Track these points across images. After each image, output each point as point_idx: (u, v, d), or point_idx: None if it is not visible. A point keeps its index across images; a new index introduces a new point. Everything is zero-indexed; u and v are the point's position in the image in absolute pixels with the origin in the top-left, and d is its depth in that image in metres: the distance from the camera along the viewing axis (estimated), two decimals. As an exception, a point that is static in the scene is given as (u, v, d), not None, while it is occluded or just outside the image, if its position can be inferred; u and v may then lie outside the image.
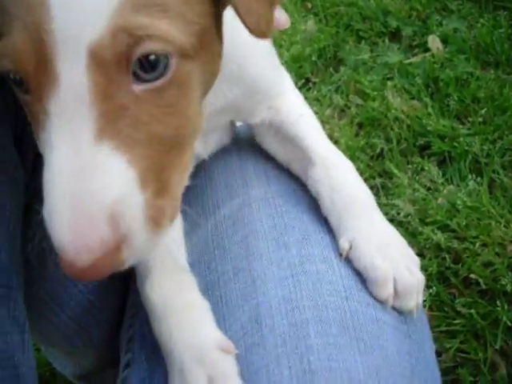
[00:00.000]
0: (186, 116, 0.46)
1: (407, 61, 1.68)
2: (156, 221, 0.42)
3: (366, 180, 1.36)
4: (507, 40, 1.58)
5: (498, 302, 1.13)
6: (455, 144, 1.40)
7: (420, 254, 1.20)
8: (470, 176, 1.34)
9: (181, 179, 0.47)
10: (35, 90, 0.41)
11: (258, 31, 0.46)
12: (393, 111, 1.52)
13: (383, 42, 1.77)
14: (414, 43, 1.75)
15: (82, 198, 0.39)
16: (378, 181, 1.43)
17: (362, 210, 0.67)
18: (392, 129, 1.50)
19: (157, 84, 0.42)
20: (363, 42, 1.80)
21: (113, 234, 0.39)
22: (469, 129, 1.44)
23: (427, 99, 1.53)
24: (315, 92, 1.68)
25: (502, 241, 1.22)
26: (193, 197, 0.79)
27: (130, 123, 0.41)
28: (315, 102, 1.64)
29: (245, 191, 0.75)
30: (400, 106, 1.54)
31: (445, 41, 1.69)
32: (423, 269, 0.84)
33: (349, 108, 1.61)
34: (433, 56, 1.65)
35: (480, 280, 1.17)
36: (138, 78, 0.41)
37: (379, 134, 1.52)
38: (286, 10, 1.84)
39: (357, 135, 1.53)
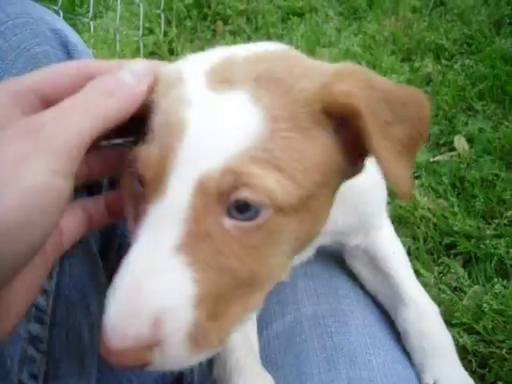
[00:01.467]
0: (266, 263, 0.48)
1: (434, 159, 1.72)
2: (197, 341, 0.44)
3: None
4: (531, 143, 1.62)
5: (524, 411, 1.13)
6: (481, 245, 1.42)
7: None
8: (495, 278, 1.35)
9: (240, 315, 0.48)
10: (147, 195, 0.48)
11: (403, 194, 0.49)
12: (420, 210, 1.56)
13: (411, 139, 1.83)
14: (441, 142, 1.80)
15: (138, 294, 0.43)
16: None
17: (445, 353, 0.73)
18: (419, 227, 1.54)
19: (247, 225, 0.45)
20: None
21: (149, 335, 0.42)
22: (495, 229, 1.46)
23: (453, 199, 1.56)
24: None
25: (529, 345, 1.23)
26: None
27: (211, 250, 0.45)
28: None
29: (296, 308, 0.80)
30: (427, 204, 1.58)
31: (471, 140, 1.74)
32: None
33: (377, 205, 1.65)
34: (459, 156, 1.69)
35: (507, 387, 1.17)
36: (232, 216, 0.46)
37: (406, 232, 1.55)
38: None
39: (385, 233, 1.57)
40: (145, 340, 0.42)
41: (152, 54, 2.64)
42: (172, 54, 2.61)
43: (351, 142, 0.50)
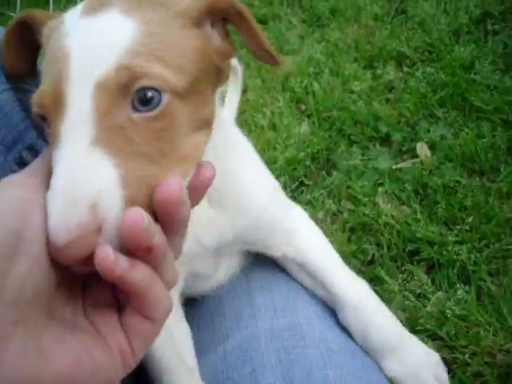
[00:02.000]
0: (172, 143, 0.53)
1: (397, 166, 1.74)
2: None
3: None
4: (490, 149, 1.65)
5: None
6: (443, 251, 1.43)
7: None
8: (458, 284, 1.36)
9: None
10: (53, 123, 0.51)
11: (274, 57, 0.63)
12: (383, 217, 1.57)
13: (374, 146, 1.85)
14: (404, 148, 1.82)
15: (71, 190, 0.46)
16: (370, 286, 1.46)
17: (395, 344, 0.79)
18: (383, 234, 1.54)
19: (151, 114, 0.50)
20: (355, 145, 1.87)
21: (91, 218, 0.45)
22: (456, 236, 1.48)
23: (416, 205, 1.58)
24: (308, 195, 1.74)
25: (491, 349, 1.24)
26: (203, 322, 0.82)
27: (123, 139, 0.49)
28: (308, 206, 1.70)
29: (253, 323, 0.79)
30: (390, 211, 1.59)
31: (433, 147, 1.76)
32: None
33: (341, 213, 1.66)
34: (421, 163, 1.71)
35: (470, 393, 1.18)
36: (136, 109, 0.50)
37: (370, 239, 1.56)
38: (282, 113, 1.94)
39: (349, 240, 1.58)
40: (88, 224, 0.45)
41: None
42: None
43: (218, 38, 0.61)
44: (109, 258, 0.45)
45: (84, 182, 0.47)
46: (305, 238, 0.85)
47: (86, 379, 0.46)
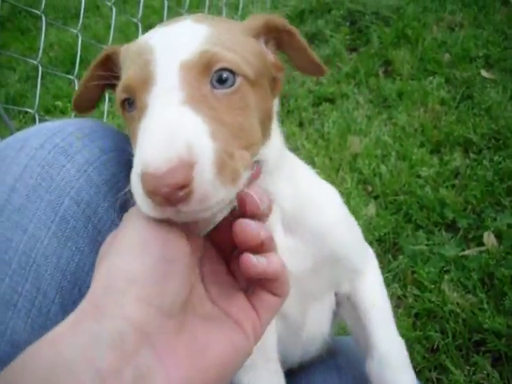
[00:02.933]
0: (246, 119, 0.60)
1: (463, 253, 1.76)
2: (219, 169, 0.51)
3: (421, 372, 1.41)
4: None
5: None
6: (511, 344, 1.43)
7: None
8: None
9: (241, 164, 0.56)
10: (139, 99, 0.58)
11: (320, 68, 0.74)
12: (449, 305, 1.59)
13: (439, 231, 1.88)
14: (470, 236, 1.84)
15: (168, 133, 0.51)
16: (434, 374, 1.47)
17: None
18: (448, 322, 1.56)
19: (228, 91, 0.58)
20: (421, 230, 1.90)
21: (187, 155, 0.49)
22: (525, 329, 1.48)
23: (482, 295, 1.59)
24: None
25: None
26: None
27: (207, 106, 0.55)
28: (374, 288, 1.73)
29: None
30: (456, 299, 1.60)
31: (499, 236, 1.78)
32: None
33: (406, 297, 1.68)
34: (488, 252, 1.72)
35: None
36: (214, 87, 0.58)
37: (435, 326, 1.57)
38: (350, 193, 1.98)
39: (413, 326, 1.59)
40: (184, 157, 0.49)
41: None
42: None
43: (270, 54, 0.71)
44: (251, 260, 0.53)
45: (179, 126, 0.52)
46: (369, 282, 0.88)
47: (233, 364, 0.54)
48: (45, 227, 0.62)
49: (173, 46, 0.59)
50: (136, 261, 0.50)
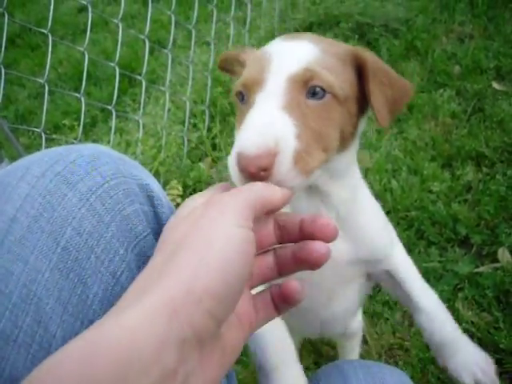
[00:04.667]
0: (328, 129, 0.73)
1: (477, 270, 1.72)
2: (296, 161, 0.65)
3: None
4: None
5: None
6: (529, 366, 1.40)
7: None
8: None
9: (317, 161, 0.69)
10: (250, 96, 0.73)
11: (382, 119, 0.77)
12: (464, 324, 1.55)
13: (452, 247, 1.85)
14: (484, 252, 1.81)
15: (262, 127, 0.66)
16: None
17: (452, 342, 0.99)
18: (463, 342, 1.51)
19: (318, 102, 0.72)
20: (433, 247, 1.87)
21: (273, 146, 0.63)
22: (542, 349, 1.44)
23: (498, 313, 1.55)
24: (387, 296, 1.73)
25: None
26: None
27: (300, 112, 0.69)
28: (385, 307, 1.69)
29: None
30: (471, 318, 1.56)
31: (514, 253, 1.74)
32: None
33: (419, 316, 1.64)
34: (503, 269, 1.69)
35: None
36: (308, 98, 0.71)
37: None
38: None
39: (428, 346, 1.55)
40: (271, 148, 0.63)
41: (195, 149, 2.74)
42: (215, 149, 2.70)
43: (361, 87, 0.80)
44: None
45: (272, 124, 0.66)
46: (399, 258, 1.03)
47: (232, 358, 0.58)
48: (46, 259, 0.61)
49: (286, 60, 0.73)
50: (218, 276, 0.51)
